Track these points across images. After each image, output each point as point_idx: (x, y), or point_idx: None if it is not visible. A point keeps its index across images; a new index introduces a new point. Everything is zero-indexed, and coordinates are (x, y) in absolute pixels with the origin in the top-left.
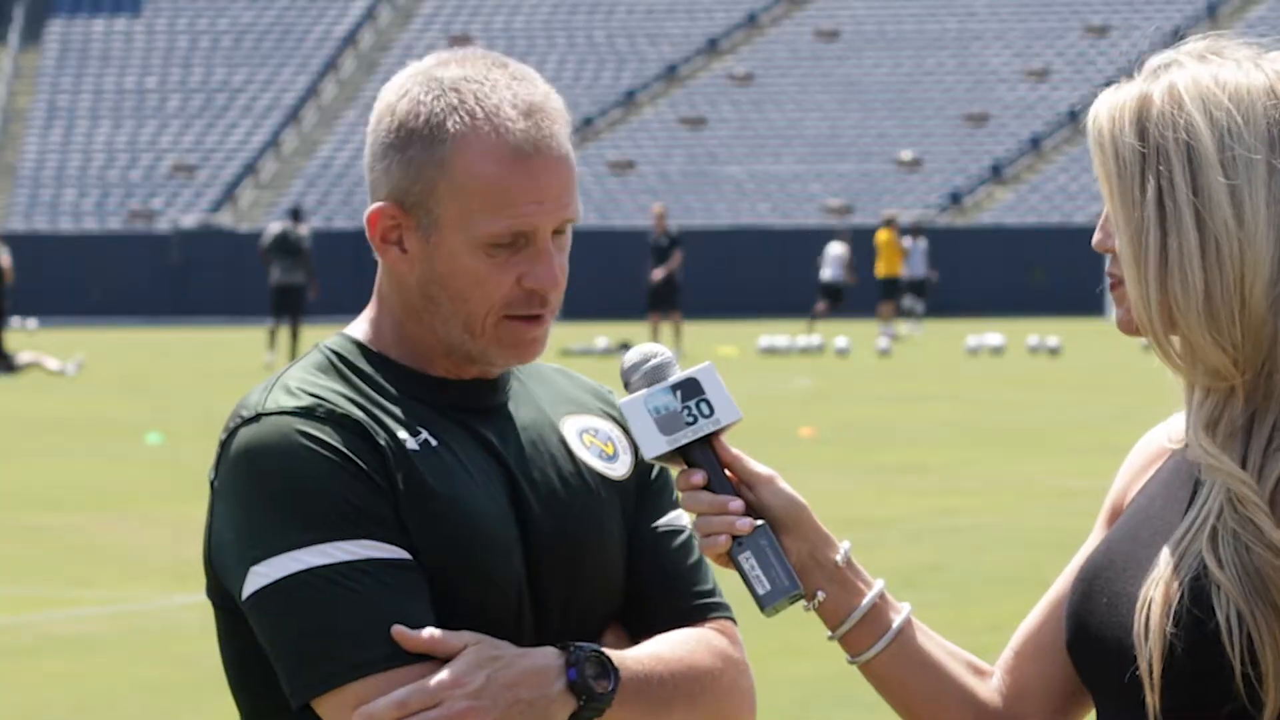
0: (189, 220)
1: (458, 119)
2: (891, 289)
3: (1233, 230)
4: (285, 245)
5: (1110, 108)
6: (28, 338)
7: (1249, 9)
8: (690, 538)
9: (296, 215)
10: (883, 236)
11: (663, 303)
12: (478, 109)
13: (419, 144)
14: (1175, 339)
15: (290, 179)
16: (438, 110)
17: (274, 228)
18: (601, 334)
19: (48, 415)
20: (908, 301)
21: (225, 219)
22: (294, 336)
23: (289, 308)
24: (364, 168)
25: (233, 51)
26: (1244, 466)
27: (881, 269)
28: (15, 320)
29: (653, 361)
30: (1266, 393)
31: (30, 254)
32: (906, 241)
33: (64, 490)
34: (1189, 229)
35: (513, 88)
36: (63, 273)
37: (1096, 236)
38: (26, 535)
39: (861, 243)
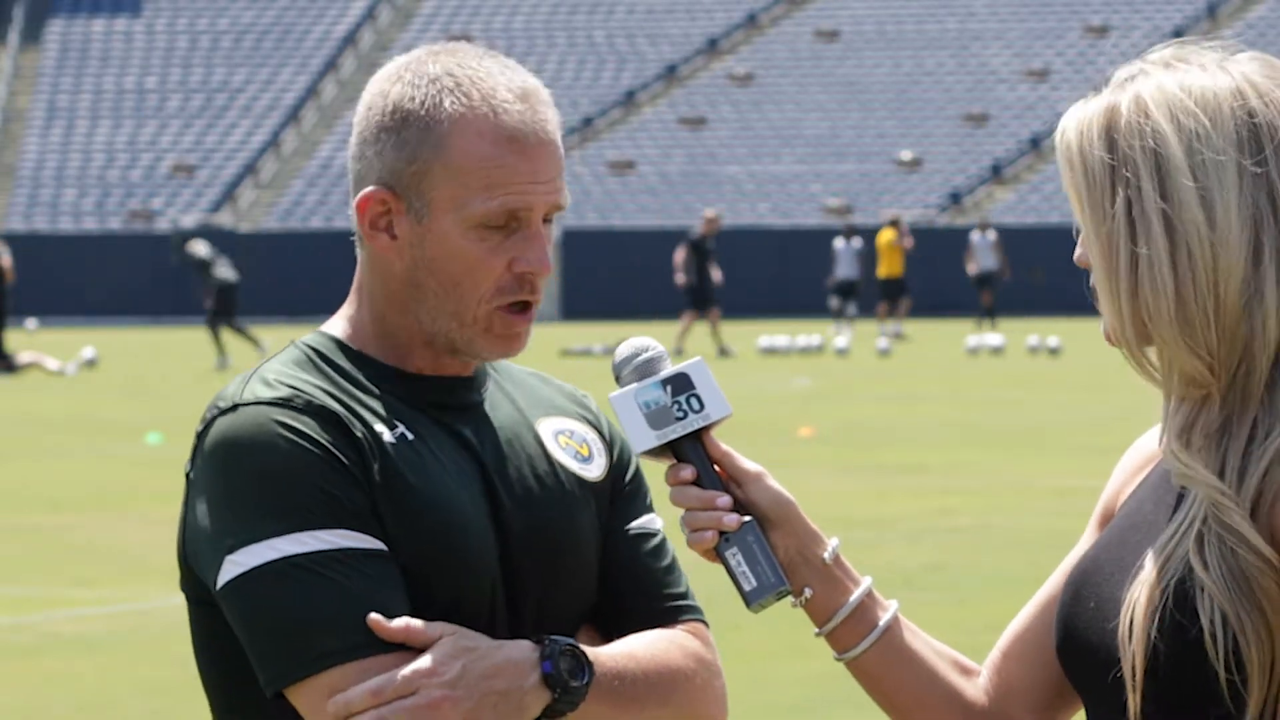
0: (189, 220)
1: (454, 100)
2: (893, 289)
3: (1204, 234)
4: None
5: (1078, 122)
6: (28, 338)
7: (1249, 9)
8: (663, 541)
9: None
10: (885, 237)
11: (707, 302)
12: (474, 91)
13: (415, 126)
14: (1150, 351)
15: (290, 179)
16: (434, 93)
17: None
18: (601, 334)
19: (48, 415)
20: (835, 303)
21: (225, 219)
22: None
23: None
24: (350, 158)
25: (233, 51)
26: (1222, 472)
27: (883, 270)
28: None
29: (644, 356)
30: (1243, 395)
31: (30, 254)
32: (839, 243)
33: (64, 490)
34: (1158, 235)
35: (505, 74)
36: (63, 273)
37: (1077, 252)
38: (26, 535)
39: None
